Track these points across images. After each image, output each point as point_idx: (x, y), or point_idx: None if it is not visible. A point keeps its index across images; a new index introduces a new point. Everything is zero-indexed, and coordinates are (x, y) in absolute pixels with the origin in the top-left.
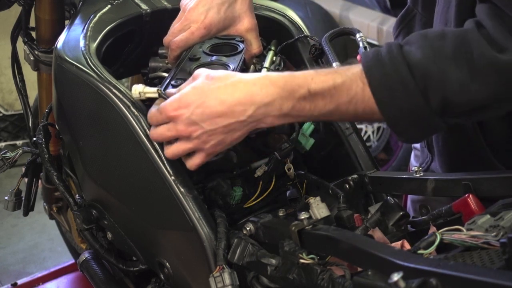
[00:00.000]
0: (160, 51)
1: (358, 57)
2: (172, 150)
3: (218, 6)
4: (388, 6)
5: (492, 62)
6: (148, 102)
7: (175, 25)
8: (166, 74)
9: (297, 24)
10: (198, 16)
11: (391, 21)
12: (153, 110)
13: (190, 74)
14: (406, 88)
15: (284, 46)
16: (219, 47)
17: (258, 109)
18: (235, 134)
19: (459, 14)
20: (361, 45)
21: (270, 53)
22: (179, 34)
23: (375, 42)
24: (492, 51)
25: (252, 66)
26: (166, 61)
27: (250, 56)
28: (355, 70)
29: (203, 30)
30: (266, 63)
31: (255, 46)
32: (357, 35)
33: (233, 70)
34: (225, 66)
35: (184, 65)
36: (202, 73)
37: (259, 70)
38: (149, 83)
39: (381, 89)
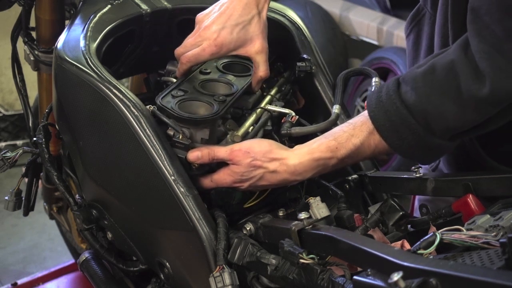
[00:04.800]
0: None
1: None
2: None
3: (232, 27)
4: (388, 6)
5: (475, 98)
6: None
7: (189, 39)
8: (175, 80)
9: (297, 24)
10: (211, 34)
11: (391, 21)
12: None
13: (195, 88)
14: (410, 128)
15: (297, 77)
16: (233, 65)
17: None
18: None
19: (454, 15)
20: (372, 90)
21: (280, 81)
22: (191, 48)
23: (375, 42)
24: (475, 84)
25: (259, 91)
26: None
27: (256, 79)
28: (367, 125)
29: (214, 48)
30: (273, 91)
31: (262, 69)
32: (373, 80)
33: (235, 91)
34: (229, 85)
35: (193, 76)
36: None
37: (265, 96)
38: (159, 85)
39: (389, 134)
